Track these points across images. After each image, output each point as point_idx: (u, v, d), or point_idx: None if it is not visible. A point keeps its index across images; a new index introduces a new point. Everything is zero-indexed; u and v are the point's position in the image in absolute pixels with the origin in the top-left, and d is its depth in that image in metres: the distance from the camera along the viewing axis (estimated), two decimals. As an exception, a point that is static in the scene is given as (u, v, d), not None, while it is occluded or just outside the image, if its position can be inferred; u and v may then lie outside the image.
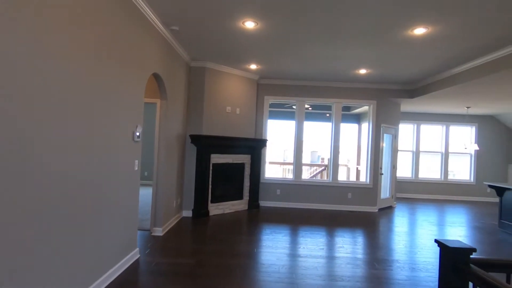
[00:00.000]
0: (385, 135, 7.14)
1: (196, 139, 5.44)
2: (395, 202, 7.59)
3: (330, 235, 4.87)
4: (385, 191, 7.27)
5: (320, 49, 4.62)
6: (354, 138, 10.26)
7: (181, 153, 5.34)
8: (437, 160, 9.43)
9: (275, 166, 10.29)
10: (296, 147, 6.93)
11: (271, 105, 7.13)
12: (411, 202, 8.34)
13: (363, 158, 10.03)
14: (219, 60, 5.51)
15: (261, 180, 6.85)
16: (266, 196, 6.88)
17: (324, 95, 6.87)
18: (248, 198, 6.43)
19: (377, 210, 6.87)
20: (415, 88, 6.70)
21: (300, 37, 4.15)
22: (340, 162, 7.00)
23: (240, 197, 6.32)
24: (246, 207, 6.41)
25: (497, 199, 9.06)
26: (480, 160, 9.08)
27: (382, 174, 7.01)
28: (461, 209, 7.67)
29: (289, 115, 9.43)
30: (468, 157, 9.27)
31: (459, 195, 9.10)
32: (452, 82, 5.44)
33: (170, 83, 4.49)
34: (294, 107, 7.17)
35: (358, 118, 10.14)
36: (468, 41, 4.00)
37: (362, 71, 5.70)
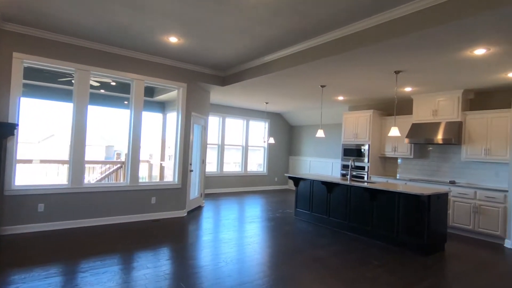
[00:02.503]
0: (195, 126, 6.20)
1: None
2: (203, 201, 6.86)
3: (126, 267, 3.25)
4: (194, 190, 6.36)
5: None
6: (158, 129, 8.87)
7: None
8: (238, 153, 9.68)
9: (32, 166, 7.15)
10: (74, 138, 4.68)
11: (28, 73, 4.49)
12: (216, 197, 7.96)
13: (168, 153, 8.83)
14: None
15: (6, 192, 4.13)
16: (17, 217, 4.22)
17: (120, 67, 5.03)
18: (-28, 226, 3.61)
19: (186, 214, 5.82)
20: (227, 75, 6.16)
21: None
22: (141, 158, 5.41)
23: None
24: (-33, 244, 3.57)
25: (283, 186, 10.40)
26: (270, 153, 10.10)
27: (192, 170, 6.04)
28: (259, 199, 8.02)
29: (60, 94, 6.76)
30: (262, 151, 10.11)
31: (256, 186, 9.75)
32: (265, 71, 5.17)
33: None
34: (73, 81, 4.85)
35: (163, 107, 8.81)
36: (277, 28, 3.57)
37: (173, 40, 4.39)
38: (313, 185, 5.73)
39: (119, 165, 7.92)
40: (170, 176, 5.84)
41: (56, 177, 6.83)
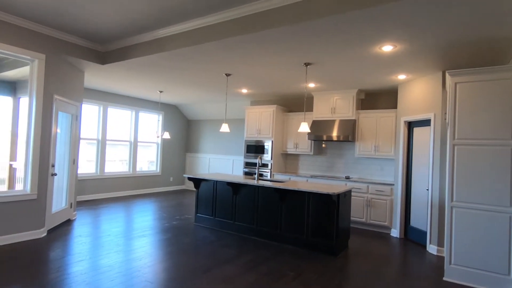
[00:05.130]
0: (60, 114, 4.63)
1: None
2: (75, 213, 5.29)
3: None
4: (59, 200, 4.77)
5: None
6: (8, 118, 6.55)
7: None
8: (125, 150, 8.15)
9: None
10: None
11: None
12: (95, 205, 6.38)
13: (22, 149, 6.62)
14: None
15: None
16: None
17: None
18: None
19: (45, 234, 4.26)
20: (109, 51, 4.82)
21: None
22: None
23: None
24: None
25: (179, 187, 9.38)
26: (164, 150, 8.92)
27: (55, 174, 4.47)
28: (152, 204, 6.85)
29: None
30: (155, 147, 8.83)
31: (147, 188, 8.43)
32: (158, 49, 4.16)
33: None
34: None
35: (14, 88, 6.57)
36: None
37: (16, -18, 2.93)
38: (216, 187, 5.05)
39: None
40: (21, 184, 4.15)
41: None
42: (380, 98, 5.99)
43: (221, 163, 8.71)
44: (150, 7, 3.38)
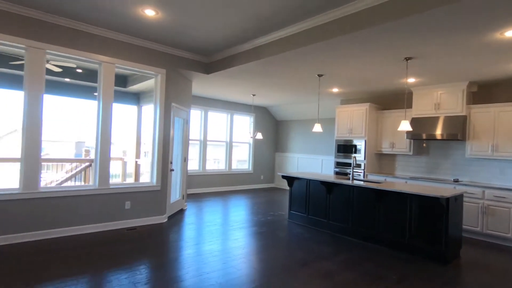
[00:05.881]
0: (176, 119, 5.45)
1: None
2: (186, 204, 6.13)
3: (91, 299, 2.52)
4: (175, 192, 5.62)
5: None
6: (133, 123, 7.98)
7: None
8: (221, 150, 8.99)
9: None
10: (26, 131, 3.81)
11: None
12: (199, 198, 7.24)
13: (144, 149, 7.97)
14: None
15: None
16: None
17: (85, 46, 4.18)
18: None
19: (166, 220, 5.08)
20: (212, 62, 5.44)
21: None
22: (113, 155, 4.61)
23: None
24: None
25: (269, 185, 9.83)
26: (255, 149, 9.47)
27: (173, 170, 5.29)
28: (245, 199, 7.39)
29: (16, 81, 5.81)
30: (247, 147, 9.47)
31: (240, 184, 9.10)
32: (256, 56, 4.51)
33: None
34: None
35: (137, 98, 7.95)
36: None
37: (149, 13, 3.62)
38: (309, 185, 5.17)
39: (87, 164, 7.00)
40: (147, 175, 5.07)
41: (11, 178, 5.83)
42: (498, 89, 5.17)
43: (310, 163, 8.79)
44: (245, 21, 3.72)
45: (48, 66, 4.86)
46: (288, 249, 3.97)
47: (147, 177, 5.76)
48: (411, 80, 5.23)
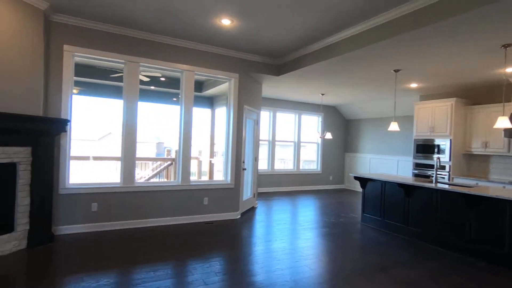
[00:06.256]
0: (247, 120, 5.70)
1: None
2: (257, 202, 6.36)
3: (180, 282, 2.83)
4: (247, 190, 5.88)
5: None
6: (207, 125, 8.58)
7: None
8: (288, 150, 9.05)
9: (89, 163, 7.20)
10: (125, 135, 4.44)
11: (83, 70, 4.32)
12: (268, 197, 7.42)
13: (216, 149, 8.51)
14: None
15: (60, 191, 4.00)
16: (71, 216, 4.08)
17: (170, 57, 4.68)
18: (28, 227, 3.49)
19: (239, 216, 5.36)
20: (282, 64, 5.54)
21: None
22: (191, 155, 5.06)
23: (5, 228, 3.30)
24: (23, 245, 3.44)
25: (338, 186, 9.55)
26: (324, 149, 9.29)
27: (245, 169, 5.56)
28: (314, 200, 7.31)
29: (114, 91, 6.68)
30: (316, 147, 9.35)
31: (309, 185, 9.03)
32: (327, 55, 4.45)
33: None
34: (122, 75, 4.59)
35: (211, 102, 8.50)
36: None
37: (226, 22, 3.88)
38: (385, 188, 4.89)
39: (169, 162, 7.77)
40: (220, 174, 5.41)
41: (111, 175, 6.83)
42: None
43: (384, 164, 8.26)
44: (317, 19, 3.69)
45: (140, 77, 5.56)
46: (362, 253, 3.83)
47: (219, 175, 6.15)
48: (509, 69, 4.55)
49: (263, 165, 8.46)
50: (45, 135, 3.56)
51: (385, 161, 8.22)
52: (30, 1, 3.41)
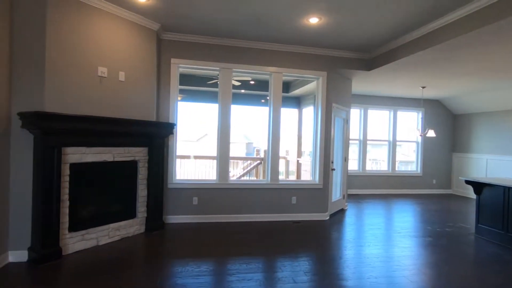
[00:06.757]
0: (336, 119, 5.52)
1: (33, 121, 2.93)
2: (346, 204, 6.10)
3: (270, 277, 2.93)
4: (336, 191, 5.69)
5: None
6: (294, 125, 8.64)
7: (-6, 147, 2.81)
8: (382, 150, 8.37)
9: (185, 161, 8.03)
10: (220, 135, 4.84)
11: (184, 79, 4.90)
12: (359, 199, 7.01)
13: (304, 149, 8.49)
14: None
15: (169, 185, 4.62)
16: (177, 208, 4.67)
17: (259, 61, 4.89)
18: (145, 214, 4.15)
19: (328, 218, 5.23)
20: (374, 57, 5.17)
21: None
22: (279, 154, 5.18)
23: (130, 214, 4.00)
24: (142, 229, 4.11)
25: (444, 191, 8.38)
26: (425, 149, 8.26)
27: (334, 169, 5.39)
28: (413, 205, 6.57)
29: (209, 96, 7.31)
30: (415, 146, 8.39)
31: (406, 188, 8.17)
32: (427, 44, 3.95)
33: None
34: (218, 82, 5.02)
35: (298, 102, 8.53)
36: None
37: (313, 20, 3.85)
38: (509, 195, 4.06)
39: (258, 162, 8.12)
40: (307, 174, 5.38)
41: (208, 172, 7.56)
42: None
43: (505, 166, 6.86)
44: (422, 2, 3.30)
45: (232, 81, 5.98)
46: (477, 270, 3.27)
47: (307, 175, 6.11)
48: None
49: (353, 166, 8.05)
50: (157, 137, 4.17)
51: (507, 163, 6.81)
52: (146, 24, 4.04)
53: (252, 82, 7.60)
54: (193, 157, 8.16)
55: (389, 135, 8.18)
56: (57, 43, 3.18)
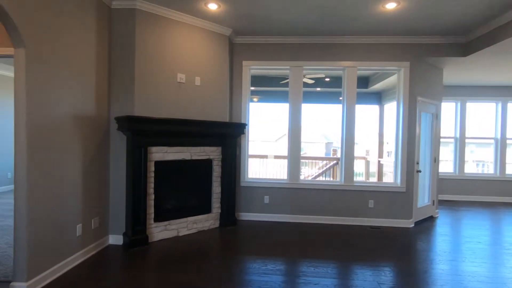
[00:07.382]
0: (422, 114, 4.88)
1: (125, 124, 3.41)
2: (437, 211, 5.34)
3: (341, 284, 2.75)
4: (423, 196, 5.03)
5: None
6: (375, 123, 7.99)
7: (100, 146, 3.35)
8: (487, 150, 7.05)
9: (262, 161, 8.15)
10: (290, 135, 4.80)
11: (256, 81, 5.02)
12: (454, 207, 6.05)
13: (386, 149, 7.77)
14: (156, -4, 3.46)
15: (241, 183, 4.78)
16: (248, 205, 4.81)
17: (330, 56, 4.66)
18: (219, 210, 4.38)
19: (412, 225, 4.66)
20: (471, 40, 4.39)
21: None
22: (356, 154, 4.84)
23: (205, 209, 4.28)
24: (216, 224, 4.36)
25: None
26: (549, 148, 6.65)
27: (420, 171, 4.77)
28: (533, 218, 5.34)
29: (285, 96, 7.31)
30: (533, 145, 6.84)
31: (521, 196, 6.72)
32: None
33: (43, 18, 2.46)
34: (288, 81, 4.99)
35: (379, 97, 7.87)
36: None
37: (390, 6, 3.47)
38: None
39: (335, 162, 7.78)
40: (390, 176, 4.88)
41: (283, 171, 7.60)
42: None
43: None
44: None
45: (305, 80, 5.87)
46: None
47: (389, 177, 5.56)
48: None
49: (447, 168, 7.02)
50: (230, 137, 4.36)
51: None
52: (219, 30, 4.28)
53: (327, 79, 7.32)
54: (273, 156, 8.34)
55: (496, 132, 6.85)
56: (144, 57, 3.62)
